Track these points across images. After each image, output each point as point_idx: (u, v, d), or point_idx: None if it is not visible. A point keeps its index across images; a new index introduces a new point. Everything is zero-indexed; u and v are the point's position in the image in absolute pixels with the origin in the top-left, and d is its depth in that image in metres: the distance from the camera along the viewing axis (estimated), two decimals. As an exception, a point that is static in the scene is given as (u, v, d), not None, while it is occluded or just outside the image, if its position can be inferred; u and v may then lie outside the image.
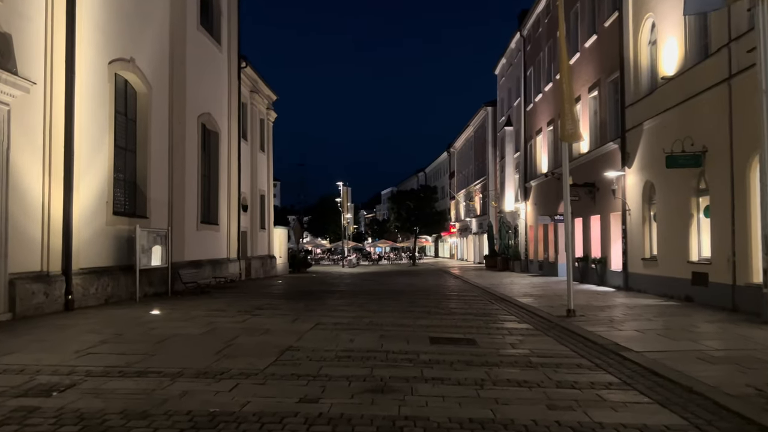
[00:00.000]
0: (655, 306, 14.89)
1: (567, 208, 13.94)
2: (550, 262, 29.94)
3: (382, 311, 14.28)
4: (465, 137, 63.55)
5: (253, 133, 30.65)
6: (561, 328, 11.61)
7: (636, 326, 11.40)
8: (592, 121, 24.20)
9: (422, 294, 19.94)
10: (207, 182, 23.80)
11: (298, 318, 12.73)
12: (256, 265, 29.85)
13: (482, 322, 12.50)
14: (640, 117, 18.71)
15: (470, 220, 59.70)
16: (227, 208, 25.64)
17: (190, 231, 21.17)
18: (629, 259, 19.98)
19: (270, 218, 33.98)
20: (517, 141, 38.88)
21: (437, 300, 17.57)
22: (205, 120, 23.15)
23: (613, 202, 21.13)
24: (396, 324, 11.89)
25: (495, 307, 15.64)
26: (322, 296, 18.90)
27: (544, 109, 31.64)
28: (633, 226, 19.67)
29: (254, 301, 16.53)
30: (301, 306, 15.43)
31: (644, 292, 18.38)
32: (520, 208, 37.11)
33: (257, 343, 9.36)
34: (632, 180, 19.67)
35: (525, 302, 16.45)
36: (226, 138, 25.66)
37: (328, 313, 13.86)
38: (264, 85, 32.25)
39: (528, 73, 35.54)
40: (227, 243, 25.48)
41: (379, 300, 17.45)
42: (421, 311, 14.31)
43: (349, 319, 12.57)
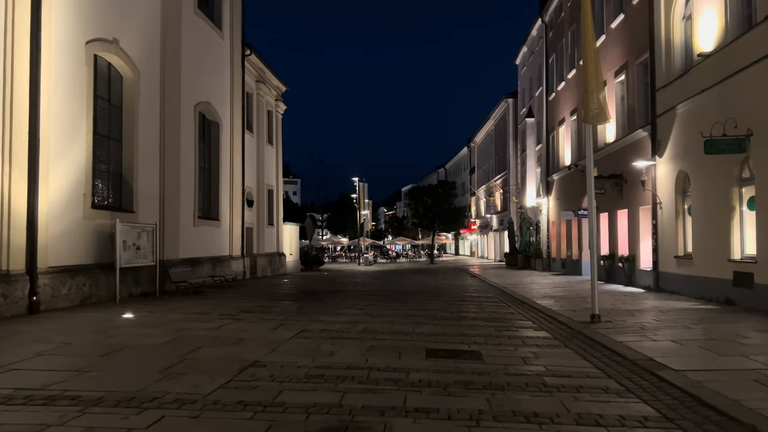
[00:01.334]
0: (691, 310, 13.15)
1: (591, 200, 12.29)
2: (574, 260, 28.14)
3: (382, 315, 12.78)
4: (485, 131, 61.68)
5: (259, 125, 29.31)
6: (584, 337, 10.00)
7: (672, 335, 9.74)
8: (619, 108, 22.38)
9: (433, 295, 18.39)
10: (206, 175, 22.52)
11: (284, 323, 11.28)
12: (262, 263, 28.55)
13: (493, 329, 10.92)
14: (673, 100, 16.91)
15: (491, 216, 57.86)
16: (230, 202, 24.34)
17: (186, 227, 19.89)
18: (660, 257, 18.19)
19: (279, 214, 32.65)
20: (538, 133, 37.05)
21: (447, 302, 16.01)
22: (203, 109, 21.86)
23: (642, 194, 19.34)
24: (393, 331, 10.38)
25: (510, 311, 14.04)
26: (323, 297, 17.45)
27: (567, 98, 29.81)
28: (664, 221, 17.88)
29: (245, 303, 15.15)
30: (293, 308, 13.99)
31: (677, 294, 16.61)
32: (541, 203, 35.30)
33: (219, 357, 7.92)
34: (664, 170, 17.88)
35: (544, 305, 14.82)
36: (228, 129, 24.35)
37: (320, 317, 12.40)
38: (272, 75, 30.90)
39: (550, 60, 33.69)
40: (230, 240, 24.19)
41: (383, 302, 15.95)
42: (426, 315, 12.78)
43: (342, 325, 11.09)
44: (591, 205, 12.44)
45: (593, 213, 12.44)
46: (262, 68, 29.24)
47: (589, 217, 12.44)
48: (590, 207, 12.40)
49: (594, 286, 11.93)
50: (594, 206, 12.55)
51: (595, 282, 11.98)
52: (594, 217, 12.46)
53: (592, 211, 12.45)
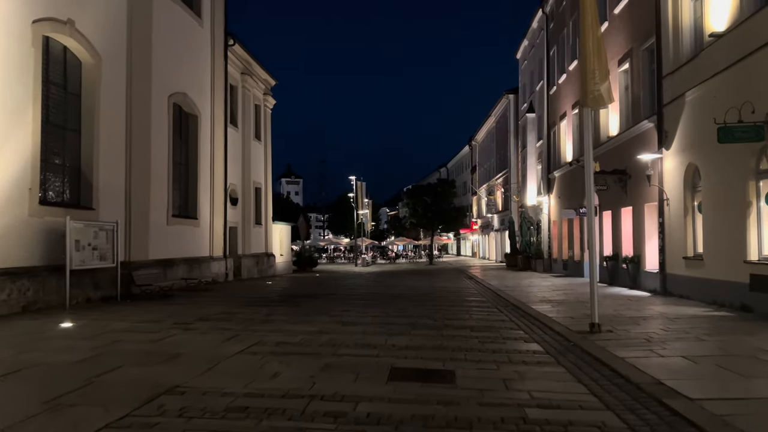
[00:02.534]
0: (703, 317, 11.73)
1: (590, 196, 10.89)
2: (576, 261, 26.70)
3: (356, 323, 11.40)
4: (487, 128, 60.25)
5: (245, 120, 27.94)
6: (580, 351, 8.61)
7: (683, 349, 8.34)
8: (623, 99, 20.96)
9: (421, 299, 17.01)
10: (183, 171, 21.19)
11: (240, 334, 9.91)
12: (248, 264, 27.19)
13: (477, 340, 9.53)
14: (682, 87, 15.49)
15: (492, 216, 56.41)
16: (210, 200, 23.00)
17: (158, 225, 18.55)
18: (667, 258, 16.77)
19: (267, 213, 31.26)
20: (539, 128, 35.64)
21: (434, 308, 14.62)
22: (179, 100, 20.53)
23: (647, 190, 17.91)
24: (360, 344, 9.01)
25: (501, 318, 12.64)
26: (300, 302, 16.08)
27: (569, 91, 28.37)
28: (672, 219, 16.46)
29: (211, 309, 13.79)
30: (260, 316, 12.62)
31: (686, 298, 15.19)
32: (542, 201, 33.87)
33: (134, 380, 6.57)
34: (671, 163, 16.46)
35: (540, 311, 13.43)
36: (209, 122, 23.02)
37: (285, 326, 11.03)
38: (259, 67, 29.52)
39: (551, 53, 32.27)
40: (210, 239, 22.85)
41: (364, 307, 14.58)
42: (405, 324, 11.39)
43: (304, 337, 9.72)
44: (589, 201, 11.04)
45: (591, 210, 11.04)
46: (248, 60, 27.88)
47: (588, 215, 11.04)
48: (588, 203, 11.00)
49: (593, 290, 10.53)
50: (593, 202, 11.15)
51: (594, 286, 10.59)
52: (592, 214, 11.06)
53: (591, 208, 11.05)
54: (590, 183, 10.95)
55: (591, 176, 10.95)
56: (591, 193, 10.99)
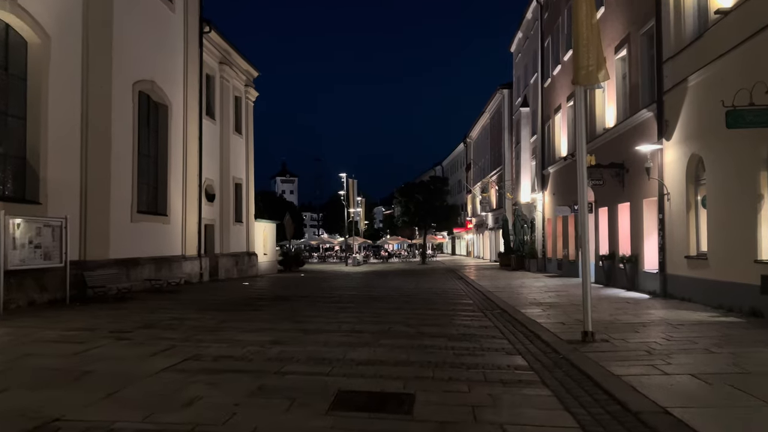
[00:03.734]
0: (709, 324, 10.46)
1: (582, 191, 9.61)
2: (570, 261, 25.43)
3: (320, 332, 10.11)
4: (481, 125, 58.97)
5: (224, 112, 26.57)
6: (570, 366, 7.35)
7: (691, 365, 7.07)
8: (620, 88, 19.71)
9: (401, 302, 15.72)
10: (151, 164, 19.87)
11: (176, 346, 8.60)
12: (226, 264, 25.85)
13: (452, 353, 8.24)
14: (684, 71, 14.23)
15: (486, 214, 55.13)
16: (182, 196, 21.67)
17: (120, 222, 17.22)
18: (668, 258, 15.52)
19: (249, 210, 29.90)
20: (533, 123, 34.38)
21: (413, 312, 13.33)
22: (146, 88, 19.19)
23: (646, 185, 16.66)
24: (314, 358, 7.72)
25: (485, 324, 11.35)
26: (268, 305, 14.79)
27: (564, 83, 27.10)
28: (673, 215, 15.21)
29: (162, 314, 12.49)
30: (213, 322, 11.31)
31: (689, 301, 13.94)
32: (536, 198, 32.61)
33: (7, 410, 5.26)
34: (672, 155, 15.21)
35: (529, 315, 12.15)
36: (181, 113, 21.68)
37: (235, 335, 9.73)
38: (239, 57, 28.13)
39: (546, 44, 31.01)
40: (182, 238, 21.52)
41: (336, 312, 13.28)
42: (375, 332, 10.11)
43: (251, 349, 8.42)
44: (582, 195, 9.74)
45: (584, 205, 9.73)
46: (226, 49, 26.50)
47: (580, 210, 9.74)
48: (581, 198, 9.70)
49: (587, 293, 9.26)
50: (585, 197, 9.85)
51: (588, 289, 9.31)
52: (585, 209, 9.75)
53: (583, 203, 9.75)
54: (583, 174, 9.67)
55: (584, 165, 9.68)
56: (584, 186, 9.71)
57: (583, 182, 9.66)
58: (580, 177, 9.66)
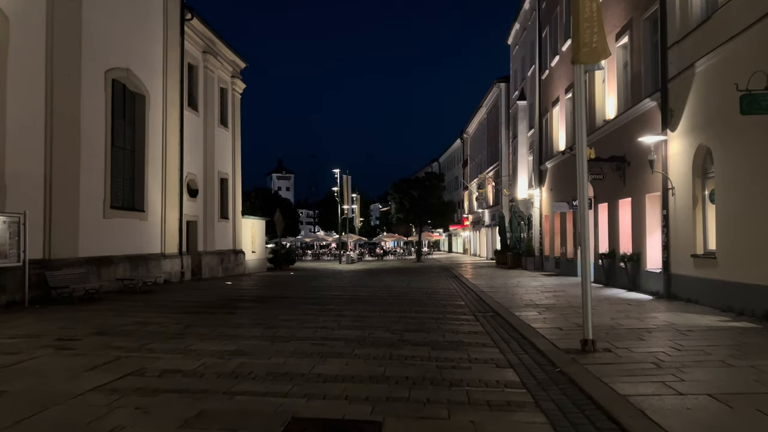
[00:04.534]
0: (722, 330, 9.49)
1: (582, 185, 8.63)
2: (568, 259, 24.47)
3: (290, 339, 9.15)
4: (478, 120, 57.96)
5: (208, 103, 25.51)
6: (569, 383, 6.39)
7: (707, 381, 6.12)
8: (621, 78, 18.74)
9: (389, 303, 14.75)
10: (127, 157, 18.84)
11: (121, 358, 7.61)
12: (211, 262, 24.84)
13: (435, 365, 7.28)
14: (691, 56, 13.25)
15: (482, 211, 54.16)
16: (162, 191, 20.65)
17: (91, 218, 16.22)
18: (672, 256, 14.56)
19: (236, 206, 28.86)
20: (531, 117, 33.39)
21: (399, 315, 12.35)
22: (120, 77, 18.16)
23: (649, 179, 15.70)
24: (274, 374, 6.74)
25: (476, 329, 10.38)
26: (244, 308, 13.82)
27: (562, 74, 26.13)
28: (678, 211, 14.24)
29: (124, 318, 11.53)
30: (176, 328, 10.33)
31: (695, 303, 12.99)
32: (533, 194, 31.63)
33: None
34: (678, 146, 14.24)
35: (524, 319, 11.19)
36: (161, 104, 20.65)
37: (194, 343, 8.75)
38: (225, 46, 27.07)
39: (543, 34, 30.00)
40: (162, 235, 20.52)
41: (315, 315, 12.31)
42: (353, 339, 9.14)
43: (207, 361, 7.44)
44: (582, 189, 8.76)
45: (584, 199, 8.74)
46: (211, 38, 25.44)
47: (580, 204, 8.76)
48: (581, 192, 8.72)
49: (586, 297, 8.29)
50: (585, 191, 8.84)
51: (588, 291, 8.35)
52: (585, 204, 8.76)
53: (583, 198, 8.76)
54: (583, 166, 8.68)
55: (584, 156, 8.70)
56: (584, 179, 8.71)
57: (583, 175, 8.67)
58: (580, 170, 8.68)
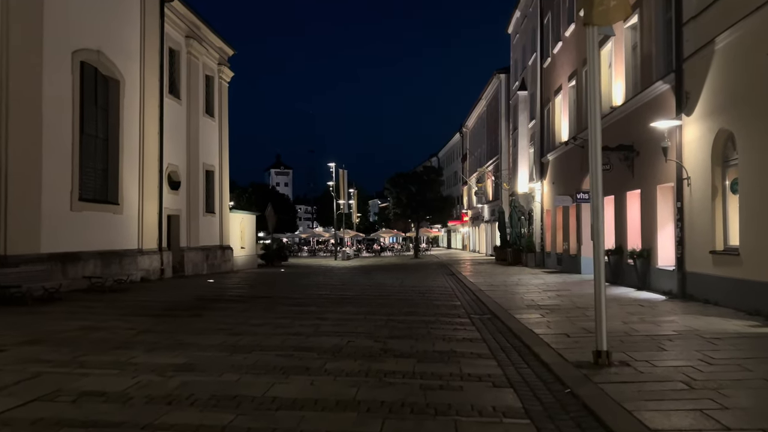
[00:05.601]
0: (754, 337, 8.26)
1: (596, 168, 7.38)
2: (571, 256, 23.21)
3: (254, 348, 7.91)
4: (477, 113, 56.65)
5: (192, 91, 24.18)
6: (582, 408, 5.16)
7: (757, 408, 4.89)
8: (630, 61, 17.49)
9: (377, 305, 13.51)
10: (99, 146, 17.60)
11: (42, 374, 6.35)
12: (195, 259, 23.58)
13: (420, 384, 6.04)
14: (710, 31, 11.97)
15: (482, 206, 52.89)
16: (139, 182, 19.40)
17: (56, 211, 14.98)
18: (687, 252, 13.31)
19: (223, 200, 27.58)
20: (532, 107, 32.10)
21: (387, 317, 11.10)
22: (91, 59, 16.88)
23: (661, 169, 14.45)
24: (216, 397, 5.50)
25: (471, 335, 9.12)
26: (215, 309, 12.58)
27: (565, 61, 24.84)
28: (694, 203, 12.98)
29: (75, 321, 10.28)
30: (128, 334, 9.08)
31: (715, 304, 11.74)
32: (534, 188, 30.37)
33: None
34: (694, 132, 12.97)
35: (525, 323, 9.95)
36: (138, 90, 19.37)
37: (136, 355, 7.50)
38: (210, 32, 25.73)
39: (545, 20, 28.68)
40: (139, 229, 19.27)
41: (294, 317, 11.09)
42: (328, 348, 7.88)
43: (143, 379, 6.20)
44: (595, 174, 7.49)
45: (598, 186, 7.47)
46: (194, 22, 24.10)
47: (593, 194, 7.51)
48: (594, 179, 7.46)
49: (600, 303, 7.03)
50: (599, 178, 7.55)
51: (602, 296, 7.09)
52: (599, 192, 7.49)
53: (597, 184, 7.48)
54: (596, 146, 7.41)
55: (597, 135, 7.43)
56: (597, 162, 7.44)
57: (596, 158, 7.39)
58: (593, 152, 7.40)
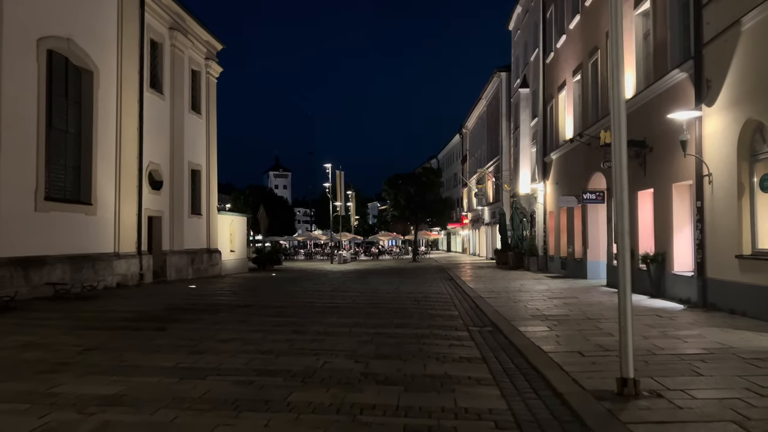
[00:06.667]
0: (802, 358, 6.99)
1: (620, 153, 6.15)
2: (577, 260, 21.96)
3: (208, 375, 6.67)
4: (477, 113, 55.45)
5: (176, 86, 22.92)
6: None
7: None
8: (641, 50, 16.25)
9: (365, 315, 12.24)
10: (70, 141, 16.41)
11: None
12: (178, 263, 22.30)
13: (402, 426, 4.77)
14: (736, 11, 10.75)
15: (482, 209, 51.63)
16: (116, 181, 18.15)
17: (17, 211, 13.77)
18: (709, 257, 12.07)
19: (211, 201, 26.28)
20: (534, 105, 30.89)
21: (373, 332, 9.84)
22: (59, 48, 15.66)
23: (677, 165, 13.23)
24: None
25: (469, 354, 7.86)
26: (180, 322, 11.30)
27: (569, 54, 23.63)
28: (717, 202, 11.74)
29: (14, 337, 8.99)
30: (65, 355, 7.80)
31: (743, 315, 10.51)
32: (537, 189, 29.11)
33: None
34: (716, 124, 11.74)
35: (531, 337, 8.71)
36: (114, 82, 18.13)
37: (61, 383, 6.26)
38: (196, 24, 24.47)
39: (548, 14, 27.48)
40: (115, 232, 18.02)
41: (266, 332, 9.83)
42: (296, 373, 6.64)
43: (45, 425, 4.92)
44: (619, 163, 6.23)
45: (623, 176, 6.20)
46: (179, 12, 22.84)
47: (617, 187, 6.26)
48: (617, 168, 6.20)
49: (626, 321, 5.80)
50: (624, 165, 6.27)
51: (628, 314, 5.86)
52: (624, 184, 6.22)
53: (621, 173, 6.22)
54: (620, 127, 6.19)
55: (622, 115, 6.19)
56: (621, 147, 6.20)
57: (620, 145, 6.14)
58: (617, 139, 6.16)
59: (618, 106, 6.07)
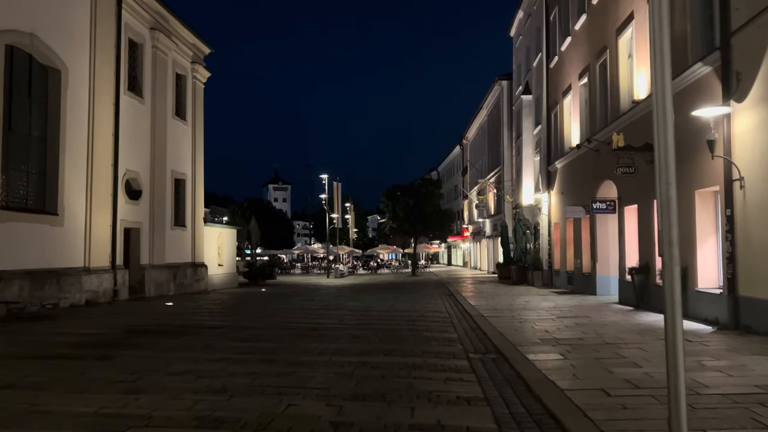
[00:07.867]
0: None
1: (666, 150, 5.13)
2: (585, 274, 20.53)
3: (135, 425, 5.21)
4: (478, 124, 54.25)
5: (158, 90, 21.56)
6: None
7: None
8: (656, 46, 14.85)
9: (351, 338, 10.82)
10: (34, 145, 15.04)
11: None
12: (159, 278, 20.85)
13: None
14: (772, -7, 9.42)
15: (483, 221, 50.23)
16: (87, 190, 16.80)
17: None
18: (740, 272, 10.68)
19: (197, 212, 24.87)
20: (537, 112, 29.61)
21: (356, 361, 8.41)
22: (21, 43, 14.39)
23: (700, 170, 11.88)
24: None
25: (468, 393, 6.42)
26: (131, 349, 9.87)
27: (575, 57, 22.38)
28: (751, 209, 10.37)
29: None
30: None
31: (784, 339, 9.06)
32: (541, 199, 27.75)
33: None
34: (749, 121, 10.39)
35: (543, 368, 7.30)
36: (85, 82, 16.83)
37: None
38: (183, 26, 23.20)
39: (552, 17, 26.29)
40: (85, 244, 16.60)
41: (229, 361, 8.40)
42: (245, 424, 5.18)
43: None
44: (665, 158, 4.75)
45: (670, 174, 4.74)
46: (161, 13, 21.55)
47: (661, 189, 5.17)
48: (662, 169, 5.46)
49: (678, 368, 4.31)
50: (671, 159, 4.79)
51: (679, 363, 4.38)
52: (672, 181, 4.77)
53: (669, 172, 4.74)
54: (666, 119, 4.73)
55: (668, 99, 4.74)
56: (667, 139, 4.75)
57: (666, 135, 4.70)
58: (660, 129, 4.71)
59: (662, 80, 4.65)
